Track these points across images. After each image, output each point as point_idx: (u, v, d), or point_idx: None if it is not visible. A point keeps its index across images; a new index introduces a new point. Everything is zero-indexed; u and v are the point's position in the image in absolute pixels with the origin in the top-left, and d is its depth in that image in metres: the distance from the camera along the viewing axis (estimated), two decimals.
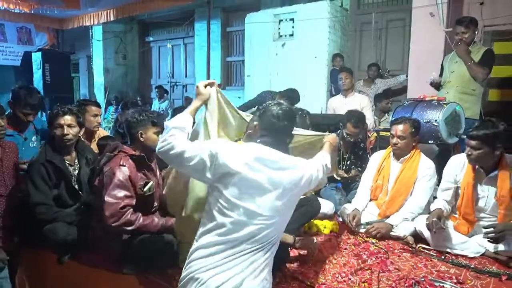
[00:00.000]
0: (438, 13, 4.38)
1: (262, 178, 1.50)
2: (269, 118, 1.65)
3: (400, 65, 5.48)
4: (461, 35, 3.41)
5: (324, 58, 5.36)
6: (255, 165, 1.51)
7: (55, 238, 2.20)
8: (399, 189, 2.77)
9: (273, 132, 1.65)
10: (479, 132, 2.26)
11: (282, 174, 1.54)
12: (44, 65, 7.32)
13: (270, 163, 1.53)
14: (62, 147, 2.41)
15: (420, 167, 2.74)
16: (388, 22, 5.66)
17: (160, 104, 7.55)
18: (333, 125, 4.13)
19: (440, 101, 3.20)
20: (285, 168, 1.56)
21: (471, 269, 2.15)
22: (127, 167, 2.13)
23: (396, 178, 2.80)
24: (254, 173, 1.50)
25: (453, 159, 2.61)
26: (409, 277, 2.03)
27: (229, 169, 1.49)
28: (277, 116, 1.64)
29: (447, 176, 2.59)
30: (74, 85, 9.38)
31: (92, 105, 3.29)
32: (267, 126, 1.66)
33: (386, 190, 2.85)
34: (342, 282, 2.01)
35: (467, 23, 3.38)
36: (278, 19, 5.73)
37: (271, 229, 1.51)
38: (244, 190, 1.49)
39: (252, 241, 1.48)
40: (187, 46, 8.35)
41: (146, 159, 2.24)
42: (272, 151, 1.57)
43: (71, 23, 8.56)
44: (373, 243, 2.52)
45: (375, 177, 2.94)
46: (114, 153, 2.19)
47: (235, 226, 1.47)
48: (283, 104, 1.71)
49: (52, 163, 2.31)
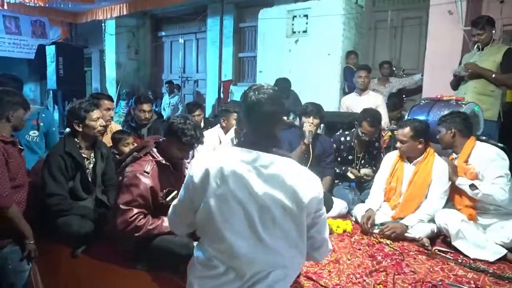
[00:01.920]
0: (457, 11, 4.28)
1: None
2: (249, 107, 1.33)
3: (416, 64, 5.38)
4: (477, 37, 3.34)
5: (337, 55, 5.29)
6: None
7: (69, 231, 2.20)
8: (413, 192, 2.72)
9: (256, 123, 1.34)
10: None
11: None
12: (58, 59, 7.36)
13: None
14: (88, 140, 2.44)
15: (434, 169, 2.68)
16: (403, 20, 5.57)
17: (170, 99, 7.55)
18: (347, 123, 4.09)
19: (459, 101, 3.13)
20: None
21: (489, 274, 2.10)
22: (151, 175, 2.03)
23: (409, 181, 2.75)
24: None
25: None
26: (426, 280, 1.99)
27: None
28: (257, 101, 1.31)
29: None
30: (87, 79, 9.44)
31: (105, 99, 3.30)
32: (248, 117, 1.35)
33: (399, 192, 2.80)
34: (357, 283, 1.98)
35: (482, 25, 3.29)
36: (292, 15, 5.67)
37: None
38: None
39: None
40: (199, 42, 8.33)
41: (171, 168, 2.16)
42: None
43: (85, 17, 8.60)
44: (388, 244, 2.48)
45: (388, 179, 2.89)
46: (141, 154, 2.11)
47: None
48: (263, 87, 1.35)
49: (71, 155, 2.32)
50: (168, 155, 2.14)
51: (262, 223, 1.24)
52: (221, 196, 1.24)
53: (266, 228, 1.24)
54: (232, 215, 1.24)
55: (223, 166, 1.26)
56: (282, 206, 1.23)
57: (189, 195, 1.35)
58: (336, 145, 3.49)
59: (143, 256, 2.11)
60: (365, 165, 3.44)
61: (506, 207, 2.44)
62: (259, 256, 1.25)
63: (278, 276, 1.29)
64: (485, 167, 2.48)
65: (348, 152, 3.47)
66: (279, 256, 1.27)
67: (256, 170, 1.24)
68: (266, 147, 1.29)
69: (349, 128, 3.67)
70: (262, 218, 1.24)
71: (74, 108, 2.40)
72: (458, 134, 2.63)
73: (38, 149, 3.08)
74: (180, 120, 2.09)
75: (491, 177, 2.43)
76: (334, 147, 3.46)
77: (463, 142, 2.63)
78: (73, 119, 2.40)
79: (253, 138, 1.32)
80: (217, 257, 1.30)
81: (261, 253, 1.25)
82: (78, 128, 2.40)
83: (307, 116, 3.23)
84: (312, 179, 1.31)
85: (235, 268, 1.28)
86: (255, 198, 1.23)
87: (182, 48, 8.56)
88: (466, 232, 2.36)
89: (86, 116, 2.41)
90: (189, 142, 2.07)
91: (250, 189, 1.23)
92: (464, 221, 2.41)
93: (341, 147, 3.48)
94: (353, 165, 3.43)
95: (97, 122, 2.46)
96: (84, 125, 2.41)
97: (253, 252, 1.25)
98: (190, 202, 1.35)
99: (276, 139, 1.35)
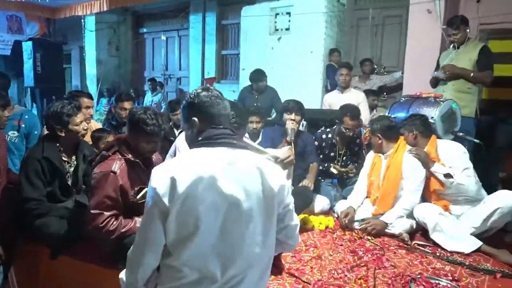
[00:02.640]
0: (435, 9, 4.38)
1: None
2: (205, 106, 1.31)
3: (396, 62, 5.47)
4: (453, 36, 3.42)
5: (320, 53, 5.33)
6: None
7: (47, 232, 2.16)
8: (387, 187, 2.79)
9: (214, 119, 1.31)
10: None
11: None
12: (35, 55, 7.14)
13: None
14: (69, 143, 2.37)
15: (404, 163, 2.74)
16: (384, 18, 5.64)
17: (153, 97, 7.46)
18: (329, 120, 4.13)
19: (437, 98, 3.20)
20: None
21: (466, 266, 2.16)
22: (119, 174, 1.96)
23: (384, 176, 2.83)
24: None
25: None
26: (405, 274, 2.04)
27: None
28: (213, 100, 1.32)
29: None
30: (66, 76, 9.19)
31: (85, 97, 3.23)
32: (205, 116, 1.31)
33: (378, 186, 2.86)
34: (339, 278, 2.00)
35: (457, 25, 3.38)
36: (275, 12, 5.69)
37: None
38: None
39: None
40: (182, 39, 8.24)
41: (141, 165, 2.09)
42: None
43: (63, 12, 8.38)
44: (369, 240, 2.52)
45: (369, 174, 2.97)
46: (109, 153, 2.04)
47: None
48: (210, 88, 1.39)
49: (48, 160, 2.25)
50: (138, 150, 2.07)
51: (236, 220, 1.20)
52: (192, 200, 1.16)
53: (240, 225, 1.21)
54: (205, 217, 1.17)
55: (189, 170, 1.18)
56: (254, 199, 1.22)
57: (159, 210, 1.18)
58: (318, 142, 3.52)
59: (123, 256, 2.08)
60: (346, 161, 3.48)
61: (474, 196, 2.58)
62: (235, 257, 1.21)
63: (253, 279, 1.26)
64: (452, 161, 2.62)
65: (330, 149, 3.50)
66: (255, 254, 1.24)
67: (223, 167, 1.21)
68: (229, 143, 1.27)
69: (331, 126, 3.70)
70: (236, 215, 1.20)
71: (56, 112, 2.27)
72: (420, 135, 2.78)
73: (16, 150, 3.00)
74: (140, 111, 2.01)
75: (459, 170, 2.56)
76: (315, 144, 3.49)
77: (425, 142, 2.77)
78: (55, 124, 2.29)
79: (213, 136, 1.28)
80: (188, 265, 1.19)
81: (237, 254, 1.21)
82: (61, 133, 2.30)
83: (289, 113, 3.24)
84: (276, 168, 1.33)
85: (209, 274, 1.20)
86: (226, 196, 1.19)
87: (165, 45, 8.45)
88: (443, 225, 2.44)
89: (69, 121, 2.29)
90: (153, 131, 1.99)
91: (221, 188, 1.18)
92: (441, 214, 2.50)
93: (323, 144, 3.51)
94: (335, 161, 3.47)
95: (80, 126, 2.36)
96: (67, 129, 2.31)
97: (230, 253, 1.21)
98: (161, 219, 1.18)
99: (234, 133, 1.33)
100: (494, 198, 2.47)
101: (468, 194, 2.57)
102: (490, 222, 2.43)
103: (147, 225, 1.22)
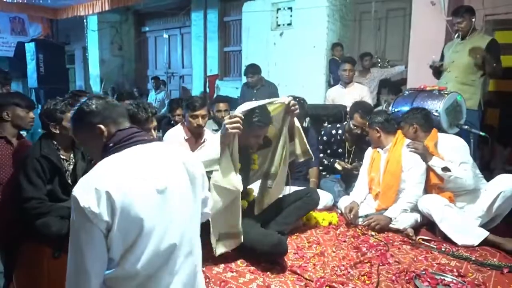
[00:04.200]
0: (439, 1, 4.30)
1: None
2: (107, 110, 1.29)
3: (400, 55, 5.40)
4: (458, 25, 3.38)
5: (322, 47, 5.27)
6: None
7: (48, 232, 2.15)
8: (388, 181, 2.75)
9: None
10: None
11: None
12: (38, 56, 7.20)
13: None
14: (66, 141, 2.36)
15: (404, 156, 2.71)
16: (388, 12, 5.57)
17: (156, 95, 7.45)
18: (332, 116, 4.09)
19: (441, 91, 3.14)
20: None
21: (472, 262, 2.12)
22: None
23: (384, 170, 2.79)
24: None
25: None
26: (410, 270, 2.00)
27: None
28: (111, 102, 1.34)
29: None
30: (70, 77, 9.26)
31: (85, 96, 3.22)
32: (108, 120, 1.28)
33: (378, 181, 2.82)
34: (341, 275, 1.97)
35: (462, 13, 3.34)
36: (276, 7, 5.63)
37: None
38: None
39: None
40: (184, 36, 8.23)
41: None
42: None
43: (65, 13, 8.41)
44: (373, 236, 2.48)
45: (369, 170, 2.93)
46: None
47: None
48: (93, 94, 1.46)
49: (47, 159, 2.25)
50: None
51: (174, 211, 1.20)
52: (130, 204, 1.10)
53: (178, 215, 1.22)
54: (147, 218, 1.12)
55: (117, 177, 1.11)
56: (184, 187, 1.25)
57: (99, 230, 1.08)
58: (326, 137, 3.48)
59: None
60: (354, 159, 3.42)
61: (474, 189, 2.56)
62: (179, 247, 1.21)
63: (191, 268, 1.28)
64: (451, 154, 2.59)
65: (338, 145, 3.45)
66: (195, 239, 1.31)
67: (148, 164, 1.19)
68: (142, 140, 1.25)
69: (335, 121, 3.66)
70: (172, 207, 1.19)
71: (49, 109, 2.29)
72: (420, 129, 2.74)
73: None
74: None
75: (457, 163, 2.54)
76: (321, 139, 3.46)
77: (424, 136, 2.73)
78: (49, 121, 2.30)
79: (125, 137, 1.24)
80: (137, 267, 1.13)
81: (180, 242, 1.22)
82: (55, 130, 2.30)
83: None
84: (194, 157, 1.39)
85: (157, 270, 1.18)
86: (161, 191, 1.17)
87: (167, 43, 8.45)
88: (449, 216, 2.41)
89: (63, 117, 2.30)
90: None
91: (153, 185, 1.16)
92: (447, 205, 2.45)
93: (332, 140, 3.46)
94: (342, 158, 3.42)
95: None
96: (61, 126, 2.31)
97: (173, 244, 1.20)
98: (101, 237, 1.09)
99: (140, 130, 1.31)
100: (495, 183, 2.46)
101: (466, 188, 2.54)
102: (494, 209, 2.41)
103: (86, 252, 1.09)
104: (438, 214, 2.43)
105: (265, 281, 1.90)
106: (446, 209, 2.43)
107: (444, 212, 2.42)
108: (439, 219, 2.43)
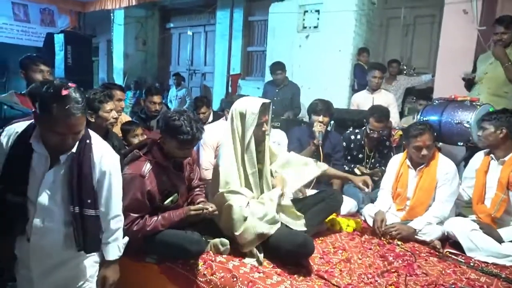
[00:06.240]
0: (472, 10, 4.22)
1: None
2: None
3: (427, 63, 5.33)
4: (501, 35, 3.24)
5: (348, 52, 5.24)
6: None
7: None
8: (419, 197, 2.67)
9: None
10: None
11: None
12: (66, 47, 7.32)
13: None
14: (99, 131, 2.39)
15: (439, 172, 2.63)
16: (416, 18, 5.51)
17: (177, 91, 7.52)
18: (356, 121, 4.06)
19: (473, 102, 3.09)
20: None
21: (502, 279, 2.07)
22: (148, 177, 1.97)
23: (415, 187, 2.70)
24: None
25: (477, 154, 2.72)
26: (438, 283, 1.97)
27: None
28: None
29: (470, 172, 2.71)
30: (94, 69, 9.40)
31: (117, 90, 3.27)
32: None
33: (405, 197, 2.76)
34: (369, 283, 1.96)
35: (507, 23, 3.20)
36: (303, 10, 5.62)
37: None
38: None
39: None
40: (208, 34, 8.28)
41: (172, 168, 2.10)
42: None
43: (93, 6, 8.54)
44: (399, 245, 2.45)
45: (394, 185, 2.83)
46: (141, 153, 2.05)
47: None
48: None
49: None
50: (170, 154, 2.07)
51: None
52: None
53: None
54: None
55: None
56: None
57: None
58: (346, 143, 3.46)
59: (152, 248, 2.10)
60: (375, 164, 3.41)
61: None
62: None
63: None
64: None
65: (358, 151, 3.44)
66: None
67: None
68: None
69: (359, 126, 3.63)
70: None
71: (88, 98, 2.36)
72: (509, 135, 2.43)
73: None
74: (175, 116, 1.97)
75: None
76: (343, 145, 3.44)
77: (508, 146, 2.46)
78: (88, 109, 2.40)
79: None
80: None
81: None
82: (91, 118, 2.38)
83: (317, 115, 3.20)
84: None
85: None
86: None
87: (191, 41, 8.52)
88: (478, 242, 2.31)
89: (100, 107, 2.40)
90: (186, 140, 1.96)
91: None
92: (475, 230, 2.36)
93: (351, 145, 3.45)
94: (363, 163, 3.40)
95: (110, 113, 2.46)
96: (97, 116, 2.40)
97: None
98: None
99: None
100: None
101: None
102: None
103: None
104: (465, 243, 2.35)
105: (292, 284, 1.90)
106: (473, 235, 2.34)
107: (472, 238, 2.32)
108: (467, 248, 2.34)
